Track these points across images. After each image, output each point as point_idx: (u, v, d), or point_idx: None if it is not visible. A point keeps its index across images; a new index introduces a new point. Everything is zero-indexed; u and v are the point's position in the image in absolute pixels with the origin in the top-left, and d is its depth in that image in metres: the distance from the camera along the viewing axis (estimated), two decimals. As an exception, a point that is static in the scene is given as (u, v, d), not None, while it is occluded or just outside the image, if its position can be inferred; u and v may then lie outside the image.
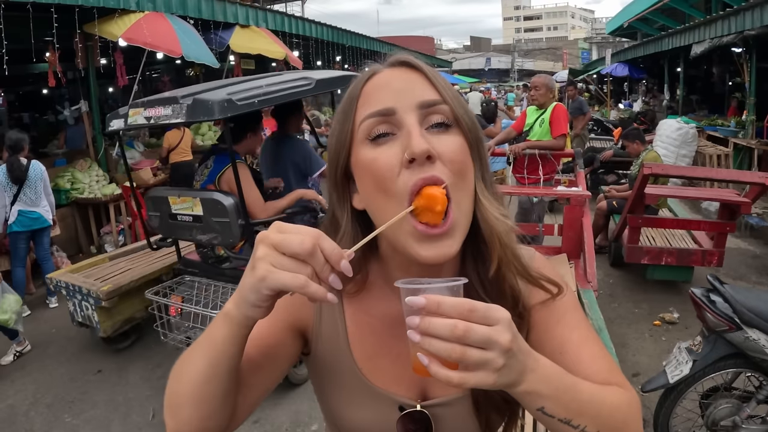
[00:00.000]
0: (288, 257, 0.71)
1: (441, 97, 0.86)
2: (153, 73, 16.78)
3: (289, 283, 0.70)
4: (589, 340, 0.95)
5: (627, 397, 0.89)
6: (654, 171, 5.28)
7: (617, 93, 23.37)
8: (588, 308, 3.79)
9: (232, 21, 10.36)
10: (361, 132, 0.86)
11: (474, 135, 0.88)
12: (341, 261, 0.72)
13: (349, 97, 0.90)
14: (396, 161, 0.83)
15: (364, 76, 0.91)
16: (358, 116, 0.87)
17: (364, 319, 1.00)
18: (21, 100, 15.61)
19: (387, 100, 0.85)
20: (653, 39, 17.00)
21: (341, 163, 0.91)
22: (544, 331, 0.96)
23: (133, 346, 5.17)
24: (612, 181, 9.17)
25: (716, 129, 11.99)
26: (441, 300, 0.69)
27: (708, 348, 3.11)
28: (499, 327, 0.69)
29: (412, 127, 0.83)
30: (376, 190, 0.85)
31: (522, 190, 5.74)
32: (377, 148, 0.85)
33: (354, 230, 0.94)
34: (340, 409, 1.03)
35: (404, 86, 0.86)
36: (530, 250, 1.04)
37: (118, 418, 4.14)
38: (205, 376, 0.82)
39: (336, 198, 0.95)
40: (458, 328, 0.67)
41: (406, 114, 0.84)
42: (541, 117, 5.94)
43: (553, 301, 0.96)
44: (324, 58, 14.40)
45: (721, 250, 5.54)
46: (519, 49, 71.16)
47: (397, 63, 0.90)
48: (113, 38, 7.66)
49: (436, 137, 0.84)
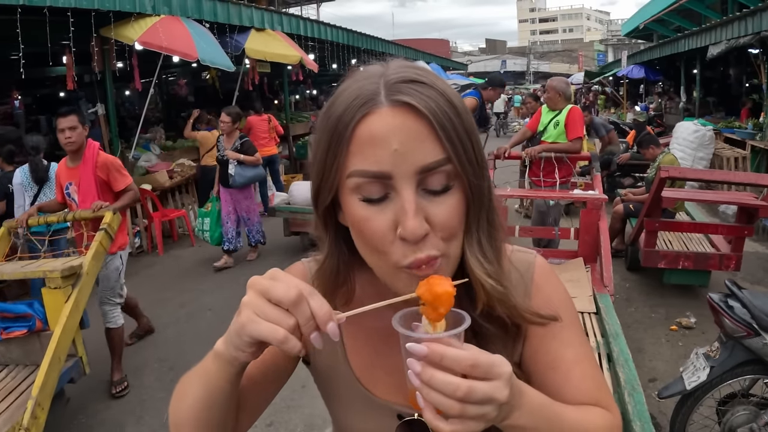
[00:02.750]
0: (272, 306, 0.70)
1: (446, 154, 0.76)
2: (169, 76, 16.88)
3: (267, 335, 0.69)
4: (582, 359, 0.94)
5: (609, 422, 0.90)
6: (671, 174, 5.23)
7: (633, 95, 23.25)
8: (604, 313, 3.77)
9: (248, 24, 10.41)
10: (351, 183, 0.78)
11: (476, 186, 0.81)
12: (329, 323, 0.70)
13: (337, 131, 0.78)
14: (389, 229, 0.77)
15: (357, 111, 0.76)
16: (347, 163, 0.78)
17: (357, 330, 0.99)
18: (38, 103, 15.74)
19: (383, 162, 0.75)
20: (669, 41, 16.89)
21: (324, 200, 0.84)
22: (539, 344, 0.94)
23: (147, 349, 5.19)
24: (629, 184, 9.11)
25: (733, 131, 11.87)
26: (443, 353, 0.67)
27: (725, 354, 3.07)
28: (500, 383, 0.68)
29: (407, 203, 0.75)
30: (367, 247, 0.82)
31: (537, 193, 5.72)
32: (369, 206, 0.78)
33: (338, 252, 0.91)
34: (341, 419, 1.03)
35: (404, 147, 0.74)
36: (530, 255, 1.00)
37: (132, 419, 4.16)
38: (202, 403, 0.84)
39: (320, 220, 0.90)
40: (460, 390, 0.66)
41: (402, 181, 0.75)
42: (556, 119, 5.91)
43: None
44: (339, 61, 14.43)
45: (738, 254, 5.48)
46: (534, 51, 71.05)
47: (400, 103, 0.76)
48: (129, 42, 7.72)
49: (432, 201, 0.78)
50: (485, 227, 0.85)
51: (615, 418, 0.90)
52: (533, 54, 66.64)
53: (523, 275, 0.96)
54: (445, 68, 26.11)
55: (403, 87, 0.76)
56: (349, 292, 0.94)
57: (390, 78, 0.78)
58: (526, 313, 0.89)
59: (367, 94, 0.77)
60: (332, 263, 0.91)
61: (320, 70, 13.54)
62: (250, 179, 7.34)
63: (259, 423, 3.98)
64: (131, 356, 5.06)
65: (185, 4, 8.74)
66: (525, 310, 0.89)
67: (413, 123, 0.75)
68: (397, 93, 0.76)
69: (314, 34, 13.09)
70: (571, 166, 5.87)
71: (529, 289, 0.96)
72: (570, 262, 4.69)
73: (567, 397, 0.88)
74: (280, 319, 0.69)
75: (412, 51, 22.39)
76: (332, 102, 0.81)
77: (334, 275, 0.92)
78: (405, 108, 0.75)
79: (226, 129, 7.24)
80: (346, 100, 0.78)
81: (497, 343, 0.90)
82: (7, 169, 6.19)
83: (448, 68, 28.40)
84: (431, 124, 0.75)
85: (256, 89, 12.51)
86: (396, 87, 0.76)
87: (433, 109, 0.75)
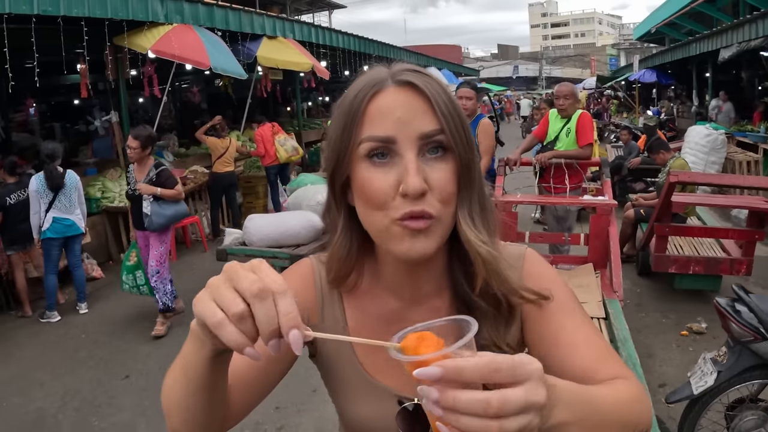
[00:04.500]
0: (231, 291, 0.66)
1: (440, 126, 0.87)
2: (182, 83, 17.01)
3: (207, 316, 0.66)
4: (584, 325, 0.98)
5: (635, 388, 0.90)
6: (680, 179, 5.22)
7: (646, 99, 23.16)
8: (613, 318, 3.76)
9: (260, 32, 10.49)
10: (361, 149, 0.89)
11: (465, 160, 0.90)
12: (292, 330, 0.65)
13: (351, 111, 0.90)
14: (390, 188, 0.87)
15: (368, 91, 0.90)
16: (359, 134, 0.89)
17: (361, 316, 1.05)
18: (52, 111, 15.91)
19: (389, 127, 0.87)
20: (681, 44, 16.84)
21: (341, 174, 0.93)
22: (541, 324, 0.98)
23: (159, 351, 5.24)
24: (640, 189, 9.07)
25: (746, 135, 11.82)
26: (461, 366, 0.60)
27: (733, 359, 3.07)
28: (532, 384, 0.61)
29: (410, 162, 0.86)
30: (367, 204, 0.90)
31: (548, 199, 5.71)
32: (374, 168, 0.88)
33: (350, 232, 0.99)
34: (345, 405, 1.07)
35: (407, 116, 0.87)
36: (521, 248, 1.07)
37: (144, 422, 4.20)
38: (184, 389, 0.84)
39: (333, 201, 0.98)
40: (492, 405, 0.58)
41: (405, 145, 0.86)
42: (567, 126, 5.88)
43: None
44: (351, 67, 14.49)
45: (749, 259, 5.46)
46: (546, 56, 70.88)
47: (403, 83, 0.89)
48: (142, 50, 7.81)
49: (431, 165, 0.88)
50: (477, 203, 0.93)
51: (635, 382, 0.92)
52: (545, 59, 66.54)
53: (514, 264, 1.01)
54: (457, 74, 26.13)
55: (406, 72, 0.91)
56: (357, 279, 1.03)
57: (395, 69, 0.92)
58: (520, 289, 0.95)
59: (375, 79, 0.91)
60: (344, 244, 0.99)
61: (332, 77, 13.61)
62: (170, 219, 5.67)
63: (269, 427, 4.02)
64: (145, 359, 5.12)
65: (197, 12, 8.83)
66: (518, 286, 0.95)
67: (414, 98, 0.89)
68: (400, 76, 0.90)
69: (326, 42, 13.16)
70: (581, 172, 5.84)
71: (521, 276, 1.00)
72: (580, 267, 4.69)
73: (577, 366, 0.92)
74: (227, 304, 0.66)
75: (424, 57, 22.45)
76: (345, 93, 0.95)
77: (345, 257, 0.99)
78: (407, 86, 0.89)
79: (134, 156, 5.55)
80: (358, 86, 0.92)
81: (489, 320, 0.96)
82: (9, 180, 6.30)
83: (460, 74, 28.37)
84: (429, 100, 0.88)
85: (269, 96, 12.57)
86: (400, 72, 0.91)
87: (429, 89, 0.89)
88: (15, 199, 6.22)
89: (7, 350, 5.43)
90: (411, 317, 0.97)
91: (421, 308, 1.01)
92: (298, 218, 6.13)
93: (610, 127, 18.76)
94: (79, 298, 6.42)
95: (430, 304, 1.02)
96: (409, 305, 1.02)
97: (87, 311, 6.40)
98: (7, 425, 4.30)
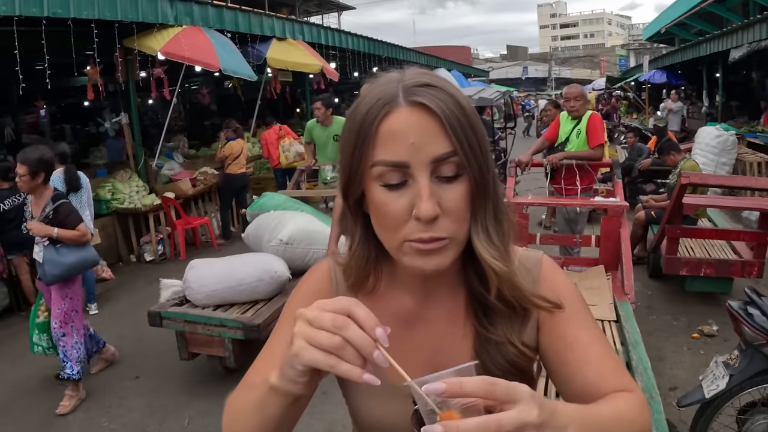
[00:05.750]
0: (322, 332, 0.74)
1: (453, 148, 0.86)
2: (192, 85, 17.06)
3: (321, 360, 0.73)
4: (597, 340, 1.00)
5: (638, 403, 0.93)
6: (692, 180, 5.19)
7: (655, 100, 23.07)
8: (624, 321, 3.74)
9: (269, 34, 10.52)
10: (374, 172, 0.88)
11: (481, 180, 0.90)
12: (376, 328, 0.75)
13: (362, 130, 0.88)
14: (404, 212, 0.87)
15: (380, 111, 0.87)
16: (370, 155, 0.88)
17: (378, 316, 1.03)
18: (63, 112, 16.00)
19: (402, 153, 0.86)
20: (691, 44, 16.77)
21: (355, 191, 0.94)
22: (555, 330, 1.00)
23: (170, 352, 5.24)
24: (651, 190, 9.01)
25: (756, 136, 11.76)
26: (461, 380, 0.68)
27: (745, 362, 3.04)
28: (524, 405, 0.68)
29: (423, 187, 0.86)
30: (384, 227, 0.91)
31: (558, 201, 5.69)
32: (389, 192, 0.88)
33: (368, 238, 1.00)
34: (359, 404, 1.08)
35: (420, 141, 0.85)
36: (537, 254, 1.08)
37: (154, 423, 4.22)
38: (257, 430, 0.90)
39: (349, 212, 1.00)
40: (490, 427, 0.65)
41: (418, 169, 0.86)
42: (578, 127, 5.86)
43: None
44: (360, 69, 14.50)
45: (761, 261, 5.41)
46: (556, 57, 70.75)
47: (415, 104, 0.87)
48: (152, 52, 7.84)
49: (444, 188, 0.88)
50: (491, 216, 0.94)
51: (640, 396, 0.95)
52: (555, 60, 66.40)
53: (530, 270, 1.03)
54: (466, 75, 26.06)
55: (419, 90, 0.87)
56: (376, 282, 1.04)
57: (407, 83, 0.88)
58: (532, 296, 0.96)
59: (387, 96, 0.88)
60: (363, 253, 1.01)
61: (341, 79, 13.63)
62: (70, 269, 4.32)
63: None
64: (155, 361, 5.13)
65: (207, 14, 8.86)
66: (530, 293, 0.96)
67: (427, 120, 0.86)
68: (413, 95, 0.87)
69: (335, 43, 13.19)
70: (592, 173, 5.82)
71: (537, 282, 1.03)
72: (591, 269, 4.67)
73: (588, 376, 0.95)
74: (326, 343, 0.73)
75: (433, 58, 22.44)
76: (356, 105, 0.92)
77: (364, 261, 1.01)
78: (420, 108, 0.86)
79: (23, 186, 4.30)
80: (369, 102, 0.89)
81: (504, 318, 0.99)
82: (2, 186, 6.26)
83: (469, 75, 28.36)
84: (441, 121, 0.86)
85: (279, 98, 12.58)
86: (412, 90, 0.87)
87: (443, 109, 0.86)
88: (9, 205, 6.18)
89: (18, 351, 5.45)
90: (426, 316, 1.04)
91: (437, 307, 1.04)
92: (254, 266, 4.58)
93: (620, 128, 18.72)
94: (89, 299, 6.44)
95: (445, 303, 1.04)
96: (424, 305, 1.04)
97: (97, 312, 6.44)
98: (17, 426, 4.32)
